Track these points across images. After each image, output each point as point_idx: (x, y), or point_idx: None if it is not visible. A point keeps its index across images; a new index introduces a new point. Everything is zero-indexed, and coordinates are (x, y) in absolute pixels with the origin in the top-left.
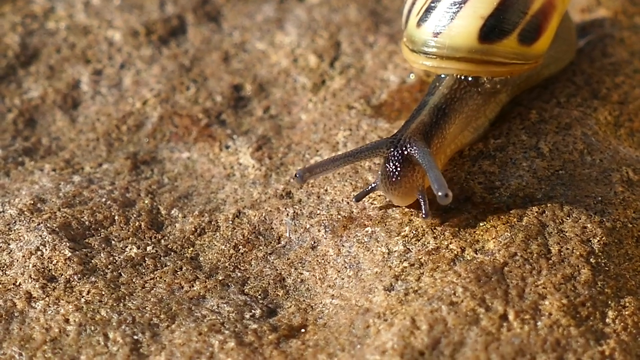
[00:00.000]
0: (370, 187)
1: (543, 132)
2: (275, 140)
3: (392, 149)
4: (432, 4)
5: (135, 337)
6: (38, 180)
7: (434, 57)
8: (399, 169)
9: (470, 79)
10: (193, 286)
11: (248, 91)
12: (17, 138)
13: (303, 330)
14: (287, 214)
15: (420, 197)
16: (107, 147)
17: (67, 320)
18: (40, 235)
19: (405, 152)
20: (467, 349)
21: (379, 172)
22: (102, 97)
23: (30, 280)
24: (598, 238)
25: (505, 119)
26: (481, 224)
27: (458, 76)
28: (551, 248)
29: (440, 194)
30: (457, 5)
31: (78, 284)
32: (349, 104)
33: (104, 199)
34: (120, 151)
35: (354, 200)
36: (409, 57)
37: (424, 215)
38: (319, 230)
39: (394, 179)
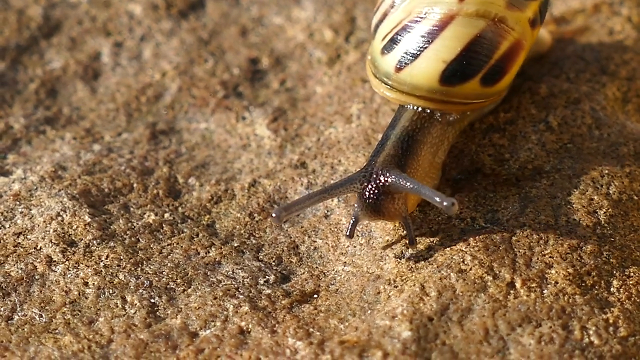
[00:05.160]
0: (353, 220)
1: (552, 106)
2: (290, 112)
3: (365, 184)
4: (398, 36)
5: (152, 300)
6: (59, 148)
7: (394, 90)
8: (379, 200)
9: (429, 110)
10: (209, 252)
11: (265, 64)
12: (39, 107)
13: (315, 295)
14: (302, 184)
15: (404, 224)
16: (126, 117)
17: (86, 284)
18: (61, 201)
19: (381, 183)
20: (474, 315)
21: (356, 205)
22: (122, 68)
23: (50, 245)
24: (604, 210)
25: (515, 93)
26: (491, 195)
27: (418, 108)
28: (558, 219)
29: (445, 204)
30: (421, 45)
31: (97, 249)
32: (363, 78)
33: (123, 167)
34: (139, 121)
35: (347, 237)
36: (372, 81)
37: (409, 243)
38: (332, 200)
39: (376, 210)
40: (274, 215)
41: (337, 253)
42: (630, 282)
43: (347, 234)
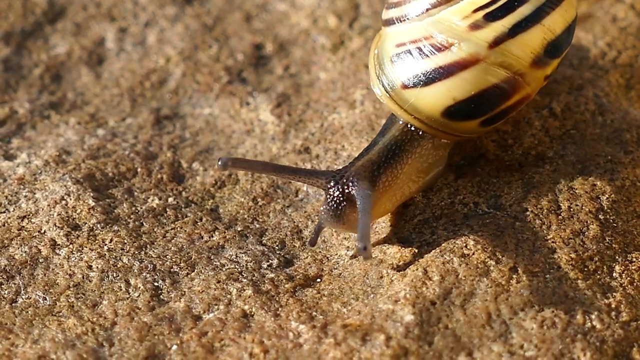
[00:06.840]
0: (317, 227)
1: (556, 92)
2: (294, 98)
3: (332, 184)
4: (415, 53)
5: (156, 283)
6: (63, 133)
7: (392, 101)
8: (341, 207)
9: (421, 132)
10: (212, 236)
11: (269, 50)
12: (44, 92)
13: (318, 280)
14: None
15: None
16: (130, 103)
17: (90, 267)
18: (65, 185)
19: (347, 191)
20: (477, 299)
21: (322, 209)
22: (126, 54)
23: (54, 228)
24: (607, 195)
25: None
26: (494, 180)
27: (410, 125)
28: (561, 204)
29: (359, 245)
30: (437, 76)
31: (101, 233)
32: (367, 64)
33: (127, 152)
34: (143, 106)
35: (308, 245)
36: (373, 79)
37: (365, 256)
38: None
39: (337, 217)
40: (220, 162)
41: (340, 237)
42: (633, 267)
43: (309, 242)
